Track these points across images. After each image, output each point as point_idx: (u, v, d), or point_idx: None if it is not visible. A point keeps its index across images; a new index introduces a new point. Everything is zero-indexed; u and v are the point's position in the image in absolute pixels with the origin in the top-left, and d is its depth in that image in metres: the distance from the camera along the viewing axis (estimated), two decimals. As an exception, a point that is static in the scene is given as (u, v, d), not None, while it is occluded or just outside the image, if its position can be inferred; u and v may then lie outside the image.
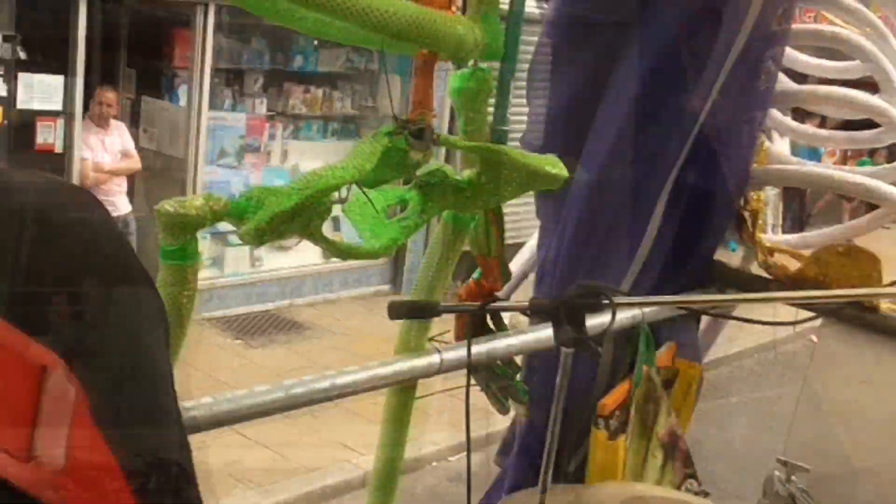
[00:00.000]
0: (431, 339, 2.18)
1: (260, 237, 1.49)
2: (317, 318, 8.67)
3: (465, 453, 2.15)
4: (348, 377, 2.00)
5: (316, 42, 8.96)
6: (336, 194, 1.59)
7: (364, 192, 1.63)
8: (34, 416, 0.59)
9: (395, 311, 1.77)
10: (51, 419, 0.60)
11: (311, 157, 9.33)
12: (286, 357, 7.77)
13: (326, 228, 1.64)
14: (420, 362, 2.11)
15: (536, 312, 1.83)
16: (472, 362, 2.16)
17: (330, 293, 9.03)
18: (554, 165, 1.78)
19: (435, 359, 2.11)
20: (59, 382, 0.61)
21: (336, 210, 1.62)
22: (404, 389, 2.29)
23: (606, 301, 1.63)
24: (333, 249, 1.66)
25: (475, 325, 2.16)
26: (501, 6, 1.87)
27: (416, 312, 1.85)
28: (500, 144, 2.07)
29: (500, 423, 6.47)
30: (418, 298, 2.03)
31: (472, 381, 2.50)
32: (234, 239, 8.22)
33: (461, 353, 2.15)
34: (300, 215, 1.49)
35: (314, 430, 6.50)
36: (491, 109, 2.15)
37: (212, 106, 8.28)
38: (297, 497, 6.21)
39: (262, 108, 8.89)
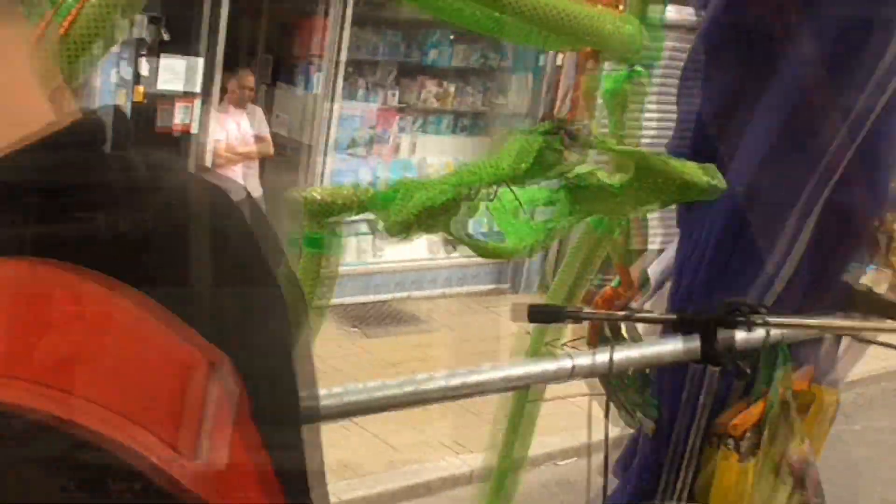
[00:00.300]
0: (564, 344, 2.14)
1: (406, 230, 1.47)
2: (432, 311, 8.70)
3: (574, 459, 2.11)
4: (480, 376, 1.98)
5: (452, 36, 8.98)
6: (484, 191, 1.56)
7: (513, 191, 1.60)
8: (201, 413, 0.58)
9: (536, 314, 1.73)
10: (217, 416, 0.59)
11: (440, 152, 9.37)
12: (400, 349, 7.82)
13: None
14: (551, 366, 2.08)
15: (685, 326, 1.77)
16: (606, 370, 2.11)
17: (448, 288, 9.05)
18: (713, 176, 1.72)
19: (567, 364, 2.07)
20: (226, 379, 0.60)
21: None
22: (532, 392, 2.26)
23: (760, 321, 1.56)
24: (476, 248, 1.63)
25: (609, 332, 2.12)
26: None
27: (556, 318, 1.81)
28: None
29: (599, 433, 6.39)
30: (555, 302, 1.99)
31: (601, 390, 2.46)
32: (357, 227, 8.31)
33: (593, 359, 2.11)
34: (449, 211, 1.46)
35: (422, 422, 6.52)
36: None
37: (344, 95, 8.38)
38: (403, 489, 6.23)
39: (393, 100, 8.95)
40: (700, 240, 2.61)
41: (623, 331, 2.20)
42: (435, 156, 9.34)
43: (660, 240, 2.81)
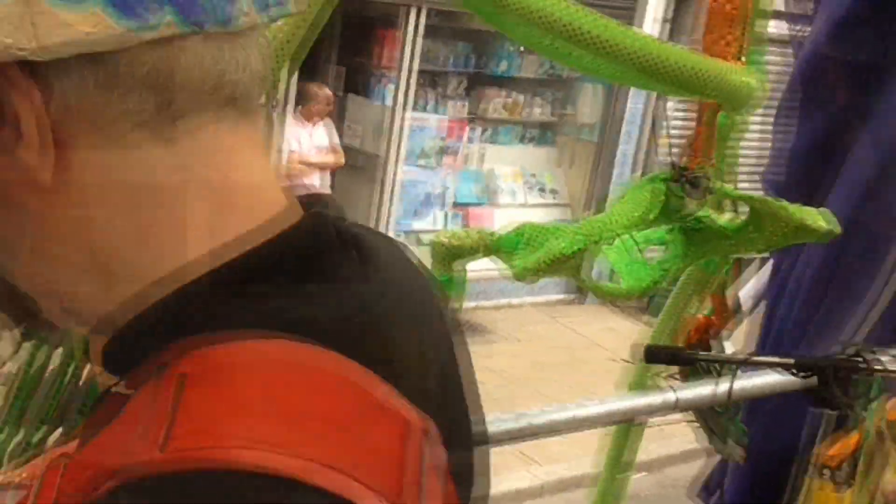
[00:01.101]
0: (665, 377, 2.18)
1: (534, 275, 1.52)
2: (500, 322, 8.72)
3: (644, 474, 2.14)
4: (588, 410, 2.02)
5: (522, 48, 9.00)
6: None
7: (632, 236, 1.64)
8: (418, 479, 0.63)
9: (653, 356, 1.77)
10: (432, 480, 0.64)
11: (507, 162, 9.40)
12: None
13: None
14: (655, 400, 2.12)
15: (802, 370, 1.80)
16: (708, 402, 2.15)
17: (515, 298, 9.08)
18: (829, 221, 1.75)
19: (670, 397, 2.12)
20: (427, 442, 0.64)
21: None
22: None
23: (879, 367, 1.59)
24: (595, 289, 1.68)
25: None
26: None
27: (674, 360, 1.85)
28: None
29: (670, 448, 6.35)
30: (660, 338, 2.03)
31: (691, 417, 2.49)
32: (424, 237, 8.36)
33: (696, 391, 2.15)
34: (578, 259, 1.51)
35: (494, 434, 6.54)
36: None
37: (414, 107, 8.43)
38: (472, 498, 6.26)
39: (462, 110, 8.99)
40: (795, 271, 2.63)
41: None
42: (503, 166, 9.37)
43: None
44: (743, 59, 1.62)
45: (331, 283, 0.65)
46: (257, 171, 0.67)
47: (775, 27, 2.65)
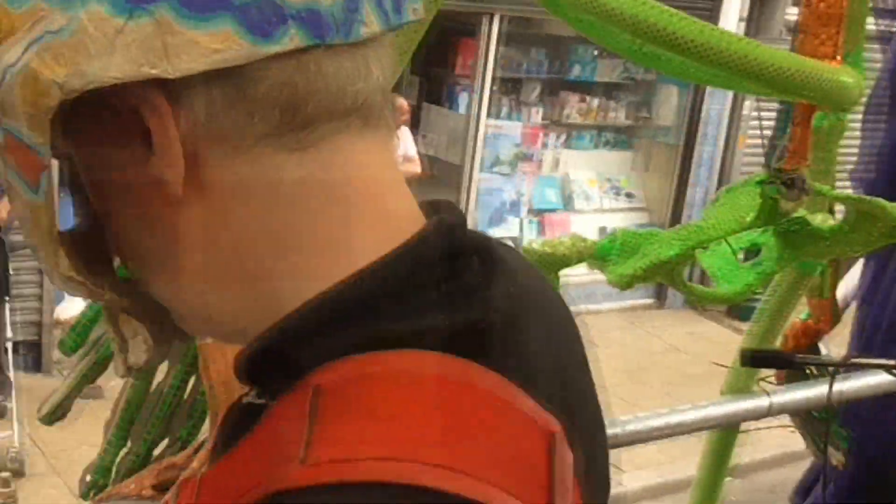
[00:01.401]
0: (760, 381, 2.15)
1: (631, 282, 1.51)
2: (580, 328, 8.68)
3: (729, 479, 2.12)
4: (680, 416, 2.00)
5: (596, 52, 8.97)
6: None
7: (727, 241, 1.62)
8: (549, 482, 0.62)
9: (752, 360, 1.75)
10: (561, 484, 0.64)
11: (583, 167, 9.36)
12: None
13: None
14: (749, 404, 2.10)
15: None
16: (801, 407, 2.11)
17: (593, 304, 9.02)
18: (931, 220, 1.71)
19: (764, 402, 2.09)
20: (562, 447, 0.64)
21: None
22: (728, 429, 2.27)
23: None
24: (690, 293, 1.66)
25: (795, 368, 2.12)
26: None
27: (775, 364, 1.82)
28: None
29: (758, 453, 6.25)
30: (753, 341, 2.00)
31: (787, 421, 2.45)
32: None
33: (791, 395, 2.11)
34: (675, 265, 1.50)
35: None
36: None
37: (490, 114, 8.44)
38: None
39: (537, 116, 8.98)
40: (887, 269, 2.58)
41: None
42: (579, 171, 9.33)
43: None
44: (839, 57, 1.59)
45: (461, 291, 0.65)
46: (384, 178, 0.67)
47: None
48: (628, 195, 9.57)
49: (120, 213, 0.67)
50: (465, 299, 0.65)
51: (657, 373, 7.62)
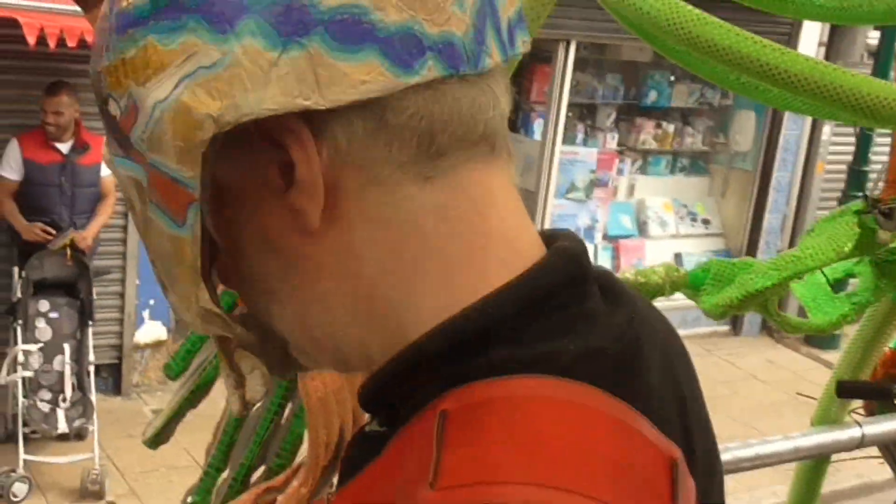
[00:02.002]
0: (851, 412, 2.12)
1: (726, 312, 1.51)
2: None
3: None
4: (772, 447, 1.98)
5: (672, 77, 8.92)
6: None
7: (822, 271, 1.61)
8: None
9: (845, 390, 1.73)
10: None
11: (658, 192, 9.29)
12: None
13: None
14: (841, 436, 2.07)
15: None
16: (894, 438, 2.07)
17: (669, 331, 8.91)
18: None
19: (856, 433, 2.06)
20: (684, 474, 0.64)
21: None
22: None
23: None
24: (783, 323, 1.65)
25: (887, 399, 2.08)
26: None
27: (870, 395, 1.79)
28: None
29: (838, 484, 6.12)
30: (849, 370, 1.97)
31: (874, 452, 2.40)
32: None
33: (884, 426, 2.08)
34: (770, 295, 1.49)
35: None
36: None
37: (565, 140, 8.42)
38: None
39: (612, 142, 8.94)
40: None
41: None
42: (654, 197, 9.27)
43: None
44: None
45: (584, 317, 0.66)
46: (508, 205, 0.68)
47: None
48: (704, 221, 9.47)
49: (249, 244, 0.68)
50: (588, 326, 0.66)
51: (736, 401, 7.51)
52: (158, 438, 1.44)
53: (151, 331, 7.15)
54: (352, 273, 0.65)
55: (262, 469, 1.47)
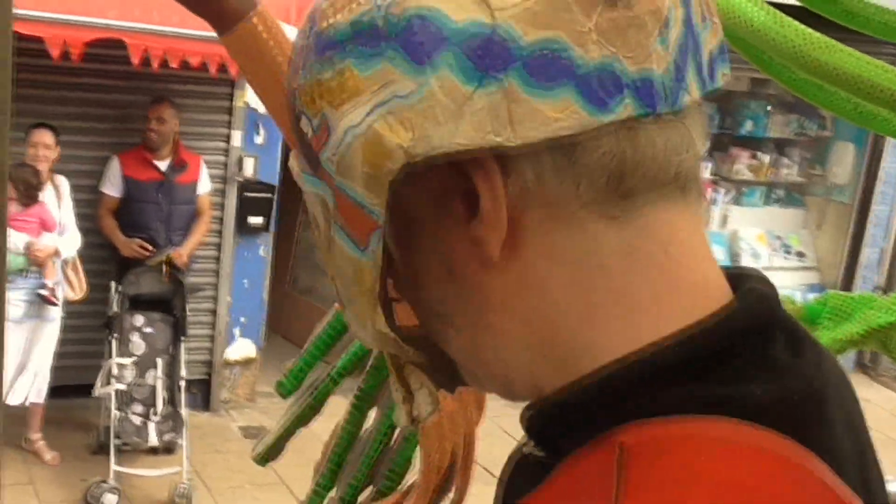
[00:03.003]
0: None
1: (844, 348, 1.46)
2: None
3: None
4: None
5: (769, 106, 8.80)
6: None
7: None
8: None
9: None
10: None
11: (752, 224, 9.16)
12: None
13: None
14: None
15: None
16: None
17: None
18: None
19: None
20: None
21: None
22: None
23: None
24: (901, 360, 1.59)
25: None
26: None
27: None
28: None
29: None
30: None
31: None
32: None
33: None
34: (889, 330, 1.44)
35: None
36: None
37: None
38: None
39: (706, 172, 8.85)
40: None
41: None
42: (747, 228, 9.14)
43: None
44: None
45: (772, 362, 0.64)
46: (695, 246, 0.67)
47: None
48: (799, 254, 9.31)
49: (427, 269, 0.68)
50: (775, 372, 0.64)
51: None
52: (268, 455, 1.45)
53: (241, 348, 7.25)
54: (529, 306, 0.65)
55: (369, 490, 1.47)
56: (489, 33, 0.58)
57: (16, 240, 5.44)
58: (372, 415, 1.45)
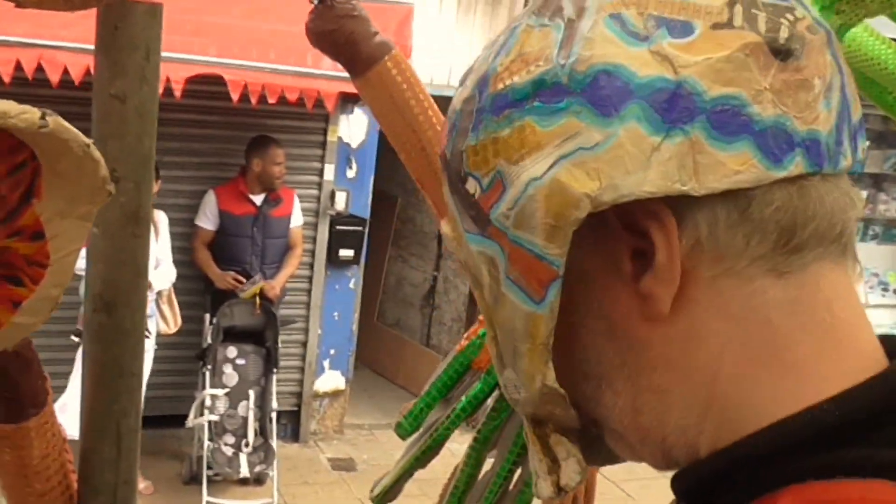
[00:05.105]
0: None
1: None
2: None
3: None
4: None
5: (867, 142, 8.62)
6: None
7: None
8: None
9: None
10: None
11: (849, 261, 8.97)
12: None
13: None
14: None
15: None
16: None
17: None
18: None
19: None
20: None
21: None
22: None
23: None
24: None
25: None
26: None
27: None
28: None
29: None
30: None
31: None
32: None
33: None
34: None
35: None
36: None
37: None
38: None
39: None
40: None
41: None
42: (843, 264, 8.95)
43: None
44: None
45: None
46: (854, 308, 0.66)
47: None
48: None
49: (587, 326, 0.67)
50: None
51: None
52: (387, 496, 1.44)
53: (331, 380, 7.30)
54: (693, 363, 0.64)
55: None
56: (674, 87, 0.60)
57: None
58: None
